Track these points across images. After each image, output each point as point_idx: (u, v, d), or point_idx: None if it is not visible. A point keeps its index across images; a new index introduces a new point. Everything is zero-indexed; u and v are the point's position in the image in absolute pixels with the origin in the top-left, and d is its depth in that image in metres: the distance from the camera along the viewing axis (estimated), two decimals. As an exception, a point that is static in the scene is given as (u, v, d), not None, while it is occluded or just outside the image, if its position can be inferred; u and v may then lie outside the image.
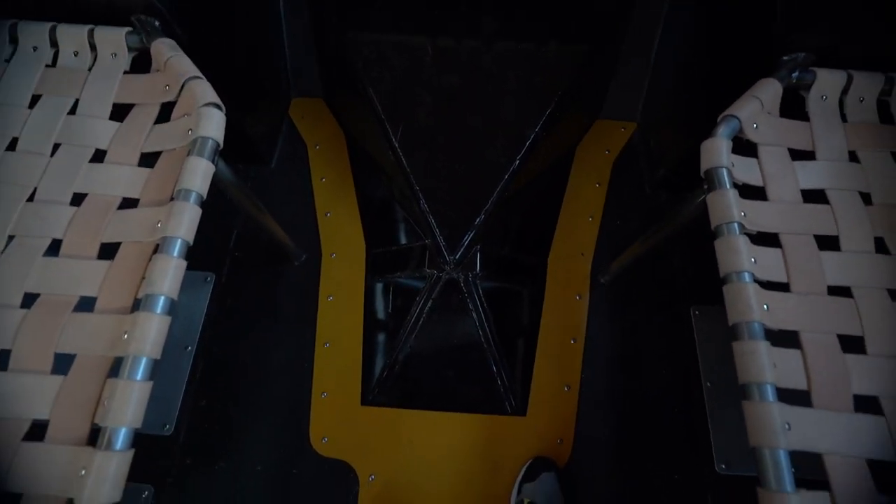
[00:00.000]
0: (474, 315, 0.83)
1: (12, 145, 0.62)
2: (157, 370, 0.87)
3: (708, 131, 0.60)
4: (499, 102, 0.87)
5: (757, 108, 0.62)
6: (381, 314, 0.90)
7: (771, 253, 0.55)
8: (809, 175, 0.61)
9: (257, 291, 0.92)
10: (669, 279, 0.94)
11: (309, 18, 1.01)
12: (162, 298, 0.51)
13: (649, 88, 1.06)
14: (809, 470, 0.46)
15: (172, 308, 0.52)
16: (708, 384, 0.86)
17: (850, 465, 0.46)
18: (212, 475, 0.80)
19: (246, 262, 0.94)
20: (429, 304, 0.83)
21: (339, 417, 0.83)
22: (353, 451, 0.81)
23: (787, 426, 0.46)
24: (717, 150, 0.58)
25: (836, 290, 0.54)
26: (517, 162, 0.83)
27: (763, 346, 0.48)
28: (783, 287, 0.54)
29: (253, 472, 0.80)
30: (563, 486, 0.78)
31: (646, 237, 0.79)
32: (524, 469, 0.79)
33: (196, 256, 0.95)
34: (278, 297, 0.92)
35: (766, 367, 0.48)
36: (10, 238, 0.57)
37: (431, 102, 0.86)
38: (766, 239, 0.56)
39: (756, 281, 0.52)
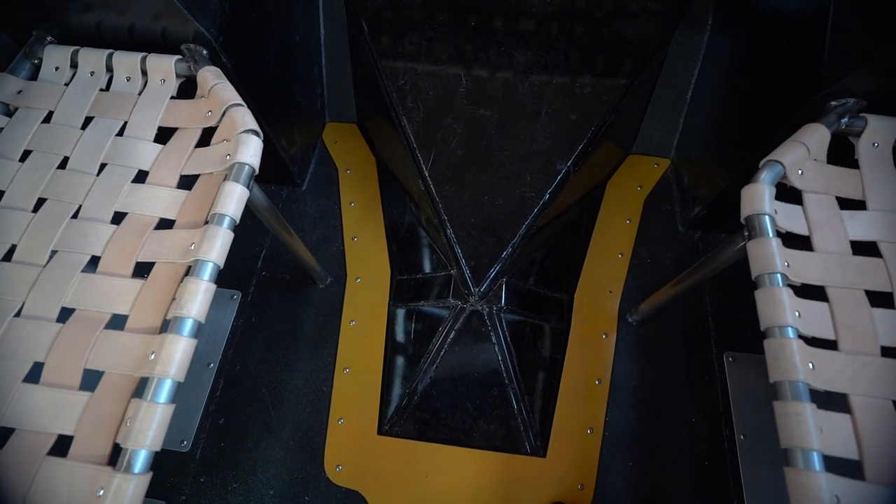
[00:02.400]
0: (497, 349, 0.81)
1: (63, 164, 0.65)
2: (179, 387, 0.88)
3: (746, 171, 0.59)
4: (531, 136, 0.86)
5: (803, 155, 0.59)
6: (402, 342, 0.89)
7: (817, 307, 0.52)
8: (859, 225, 0.58)
9: (281, 312, 0.93)
10: (701, 322, 0.90)
11: (347, 47, 1.05)
12: (190, 321, 0.51)
13: (685, 125, 1.04)
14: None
15: (199, 331, 0.53)
16: (741, 437, 0.81)
17: (906, 549, 0.42)
18: (224, 496, 0.79)
19: (272, 282, 0.96)
20: (451, 335, 0.81)
21: (354, 446, 0.82)
22: (366, 482, 0.79)
23: (836, 499, 0.42)
24: (760, 196, 0.56)
25: (889, 351, 0.50)
26: (547, 196, 0.82)
27: (808, 409, 0.45)
28: (830, 345, 0.50)
29: (265, 496, 0.79)
30: None
31: (678, 279, 0.76)
32: None
33: (224, 274, 0.97)
34: (302, 318, 0.92)
35: (812, 431, 0.44)
36: (53, 252, 0.59)
37: (463, 133, 0.87)
38: (811, 292, 0.53)
39: (800, 337, 0.49)
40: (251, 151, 0.60)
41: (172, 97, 0.69)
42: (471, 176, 0.84)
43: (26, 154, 0.66)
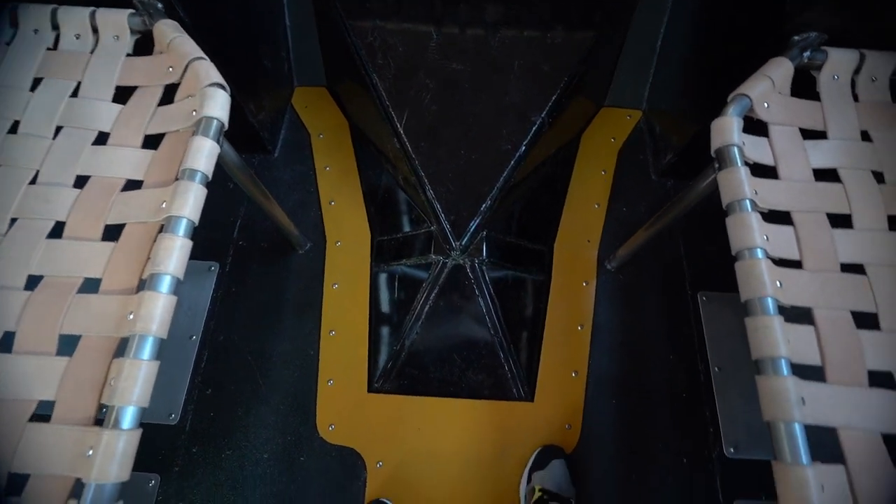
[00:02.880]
0: (481, 301, 0.82)
1: (14, 128, 0.61)
2: (162, 360, 0.87)
3: (717, 114, 0.60)
4: (504, 89, 0.86)
5: (768, 88, 0.61)
6: (386, 301, 0.90)
7: (783, 231, 0.55)
8: (821, 154, 0.60)
9: (262, 280, 0.91)
10: (676, 265, 0.94)
11: (311, 7, 1.01)
12: (168, 278, 0.50)
13: (655, 75, 1.05)
14: (821, 449, 0.45)
15: (178, 288, 0.51)
16: (716, 369, 0.86)
17: (864, 439, 0.46)
18: (218, 463, 0.79)
19: (250, 251, 0.94)
20: (435, 291, 0.82)
21: (345, 405, 0.83)
22: (360, 438, 0.81)
23: (801, 400, 0.45)
24: (729, 129, 0.57)
25: (849, 268, 0.53)
26: (523, 148, 0.82)
27: (777, 321, 0.48)
28: (796, 265, 0.53)
29: (260, 459, 0.80)
30: (572, 472, 0.77)
31: (652, 221, 0.79)
32: (534, 457, 0.78)
33: (199, 246, 0.95)
34: (283, 285, 0.91)
35: (780, 341, 0.47)
36: (13, 220, 0.56)
37: (436, 89, 0.86)
38: (777, 218, 0.55)
39: (768, 258, 0.52)
40: (219, 105, 0.58)
41: (129, 54, 0.65)
42: (446, 131, 0.83)
43: (-29, 121, 0.62)
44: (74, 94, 0.63)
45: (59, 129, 0.61)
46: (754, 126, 0.61)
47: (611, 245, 0.95)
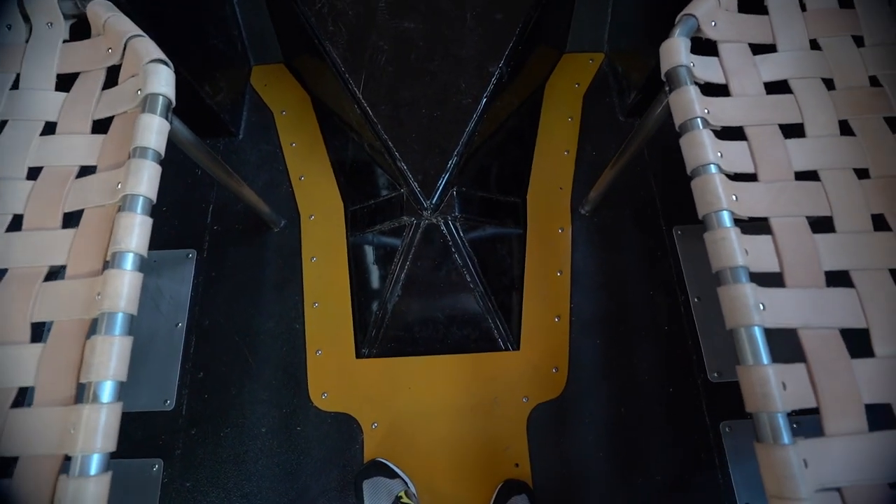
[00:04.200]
0: (457, 257, 0.83)
1: (-43, 128, 0.60)
2: (152, 350, 0.88)
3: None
4: (459, 43, 0.85)
5: (713, 6, 0.61)
6: (365, 268, 0.90)
7: (736, 146, 0.55)
8: (771, 67, 0.60)
9: (240, 261, 0.92)
10: (650, 203, 0.94)
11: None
12: (130, 255, 0.50)
13: (612, 16, 1.04)
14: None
15: (143, 264, 0.52)
16: (695, 299, 0.87)
17: (823, 337, 0.47)
18: (218, 442, 0.81)
19: (225, 235, 0.94)
20: (412, 252, 0.83)
21: (336, 372, 0.84)
22: (353, 403, 0.82)
23: (761, 306, 0.47)
24: (676, 49, 0.57)
25: (803, 175, 0.54)
26: (484, 101, 0.81)
27: (733, 233, 0.49)
28: (751, 178, 0.54)
29: (258, 434, 0.81)
30: None
31: (617, 157, 0.79)
32: (495, 495, 0.75)
33: (175, 234, 0.95)
34: (262, 264, 0.91)
35: (738, 251, 0.48)
36: (-30, 220, 0.56)
37: (391, 49, 0.84)
38: (732, 135, 0.56)
39: (724, 174, 0.52)
40: (162, 81, 0.57)
41: (65, 40, 0.64)
42: (405, 92, 0.82)
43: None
44: (15, 86, 0.62)
45: (3, 122, 0.60)
46: (704, 46, 0.61)
47: (583, 190, 0.95)
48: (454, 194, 0.83)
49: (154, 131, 0.55)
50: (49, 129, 0.60)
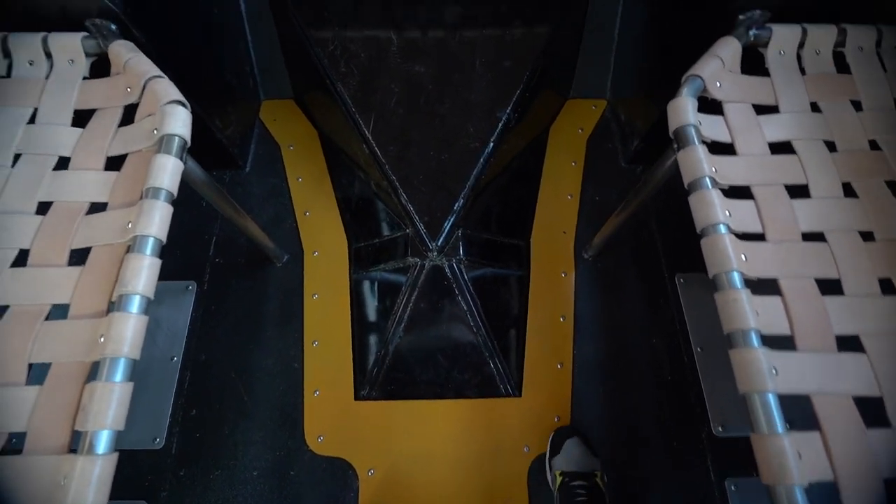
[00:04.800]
0: (461, 300, 0.83)
1: (-30, 159, 0.60)
2: (144, 384, 0.86)
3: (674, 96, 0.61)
4: (468, 88, 0.87)
5: (718, 67, 0.63)
6: (368, 308, 0.90)
7: (744, 205, 0.56)
8: (775, 128, 0.62)
9: (241, 295, 0.91)
10: (652, 250, 0.95)
11: (271, 20, 1.01)
12: (137, 298, 0.50)
13: (616, 64, 1.07)
14: (798, 417, 0.46)
15: (149, 307, 0.51)
16: (698, 349, 0.87)
17: (837, 404, 0.46)
18: (207, 485, 0.78)
19: (227, 268, 0.93)
20: (415, 293, 0.82)
21: (333, 414, 0.82)
22: (350, 447, 0.80)
23: (773, 370, 0.46)
24: (684, 109, 0.59)
25: (810, 237, 0.55)
26: (491, 145, 0.83)
27: (744, 294, 0.49)
28: (759, 237, 0.54)
29: (249, 478, 0.78)
30: (590, 444, 0.78)
31: (622, 207, 0.80)
32: (549, 444, 0.79)
33: (175, 267, 0.94)
34: (263, 299, 0.90)
35: (749, 313, 0.48)
36: (-26, 252, 0.55)
37: (401, 92, 0.86)
38: (738, 193, 0.57)
39: (732, 233, 0.53)
40: (179, 122, 0.58)
41: (85, 77, 0.65)
42: (414, 134, 0.84)
43: (-74, 154, 0.61)
44: (32, 120, 0.62)
45: (17, 156, 0.60)
46: (709, 105, 0.63)
47: (586, 234, 0.96)
48: (459, 236, 0.84)
49: (168, 172, 0.55)
50: (62, 163, 0.60)
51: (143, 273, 0.50)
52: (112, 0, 0.64)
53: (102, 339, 0.48)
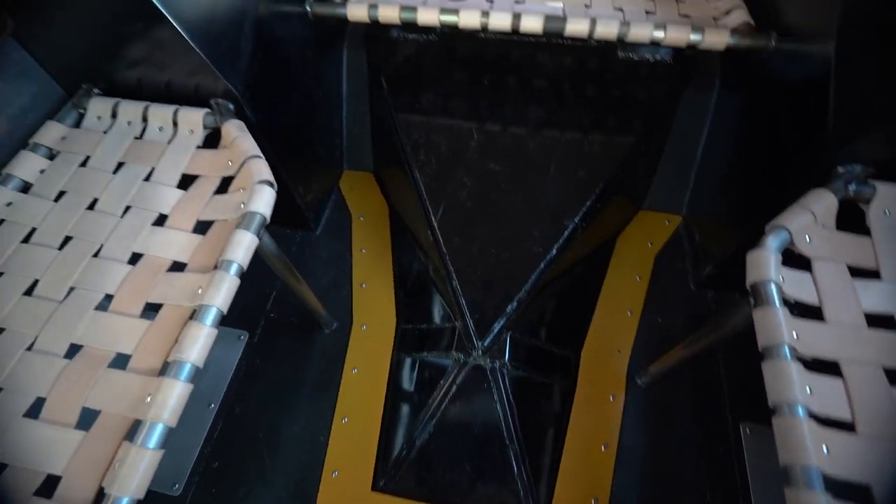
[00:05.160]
0: (499, 407, 0.79)
1: (92, 205, 0.69)
2: (178, 425, 0.87)
3: (757, 234, 0.58)
4: (539, 191, 0.88)
5: (809, 221, 0.59)
6: (403, 394, 0.88)
7: (830, 384, 0.50)
8: (874, 296, 0.56)
9: (286, 356, 0.93)
10: (716, 389, 0.86)
11: (367, 100, 1.10)
12: (188, 366, 0.52)
13: (696, 182, 1.05)
14: None
15: (197, 375, 0.53)
16: (762, 517, 0.75)
17: None
18: (211, 547, 0.77)
19: (279, 325, 0.97)
20: (452, 390, 0.80)
21: (347, 501, 0.79)
22: (356, 542, 0.76)
23: None
24: (765, 263, 0.55)
25: (911, 436, 0.47)
26: (554, 251, 0.82)
27: (823, 501, 0.42)
28: (847, 427, 0.47)
29: (253, 549, 0.76)
30: None
31: (689, 341, 0.74)
32: None
33: (233, 313, 0.99)
34: (305, 364, 0.92)
35: (827, 523, 0.41)
36: (71, 289, 0.62)
37: (473, 186, 0.89)
38: (824, 366, 0.51)
39: (812, 417, 0.47)
40: (264, 201, 0.63)
41: (198, 146, 0.74)
42: (479, 229, 0.85)
43: (61, 195, 0.70)
44: (147, 178, 0.71)
45: (128, 208, 0.69)
46: (797, 259, 0.58)
47: (643, 357, 0.90)
48: (507, 339, 0.81)
49: (244, 247, 0.60)
50: (161, 220, 0.67)
51: (200, 342, 0.53)
52: (234, 86, 0.74)
53: (149, 399, 0.51)
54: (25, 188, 0.71)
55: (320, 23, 0.94)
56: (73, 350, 0.57)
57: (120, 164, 0.73)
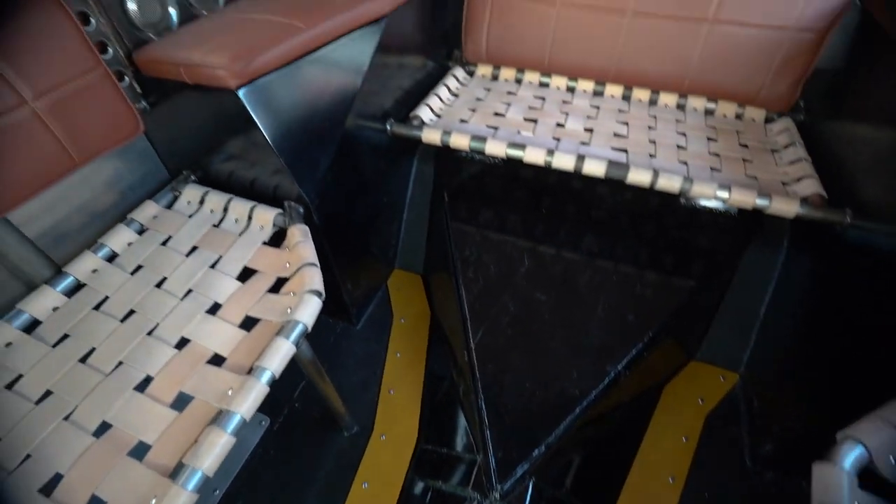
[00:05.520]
0: (510, 566, 0.71)
1: (161, 283, 0.75)
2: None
3: (826, 428, 0.51)
4: (585, 328, 0.85)
5: (891, 439, 0.51)
6: (409, 523, 0.82)
7: None
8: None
9: (300, 452, 0.91)
10: None
11: (428, 208, 1.16)
12: (199, 475, 0.52)
13: (757, 340, 0.97)
14: None
15: (206, 485, 0.53)
16: None
17: None
18: None
19: (301, 416, 0.96)
20: (462, 533, 0.73)
21: None
22: None
23: None
24: (836, 486, 0.48)
25: None
26: (592, 397, 0.77)
27: None
28: None
29: None
30: None
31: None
32: None
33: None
34: (317, 465, 0.89)
35: None
36: (120, 363, 0.65)
37: (516, 313, 0.88)
38: None
39: None
40: (309, 311, 0.66)
41: (264, 242, 0.79)
42: (516, 359, 0.83)
43: (138, 268, 0.77)
44: (214, 265, 0.77)
45: (189, 291, 0.74)
46: (875, 478, 0.50)
47: (684, 537, 0.78)
48: (529, 486, 0.75)
49: (281, 355, 0.61)
50: (215, 308, 0.71)
51: (216, 451, 0.53)
52: (307, 193, 0.81)
53: (154, 502, 0.51)
54: (112, 257, 0.79)
55: (397, 139, 1.03)
56: (103, 428, 0.59)
57: (194, 248, 0.80)
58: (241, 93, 0.68)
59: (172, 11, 0.80)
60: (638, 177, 0.86)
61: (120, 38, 0.73)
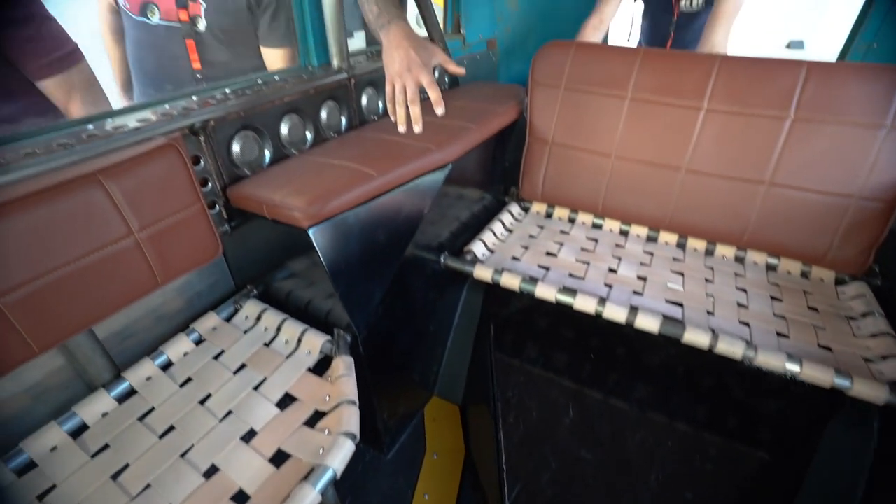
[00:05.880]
0: None
1: (204, 400, 0.76)
2: None
3: None
4: (635, 501, 0.76)
5: None
6: None
7: None
8: None
9: None
10: None
11: (473, 336, 1.15)
12: None
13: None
14: None
15: None
16: None
17: None
18: None
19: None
20: None
21: None
22: None
23: None
24: None
25: None
26: None
27: None
28: None
29: None
30: None
31: None
32: None
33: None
34: None
35: None
36: (147, 486, 0.65)
37: (558, 471, 0.81)
38: None
39: None
40: (341, 456, 0.63)
41: (309, 368, 0.80)
42: (554, 529, 0.74)
43: (188, 381, 0.80)
44: (257, 387, 0.78)
45: (229, 412, 0.74)
46: None
47: None
48: None
49: (305, 505, 0.58)
50: (250, 435, 0.71)
51: None
52: (357, 325, 0.83)
53: None
54: (167, 366, 0.83)
55: (449, 271, 1.07)
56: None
57: (242, 366, 0.82)
58: (310, 231, 0.75)
59: (267, 152, 0.92)
60: (695, 337, 0.81)
61: (220, 174, 0.84)
